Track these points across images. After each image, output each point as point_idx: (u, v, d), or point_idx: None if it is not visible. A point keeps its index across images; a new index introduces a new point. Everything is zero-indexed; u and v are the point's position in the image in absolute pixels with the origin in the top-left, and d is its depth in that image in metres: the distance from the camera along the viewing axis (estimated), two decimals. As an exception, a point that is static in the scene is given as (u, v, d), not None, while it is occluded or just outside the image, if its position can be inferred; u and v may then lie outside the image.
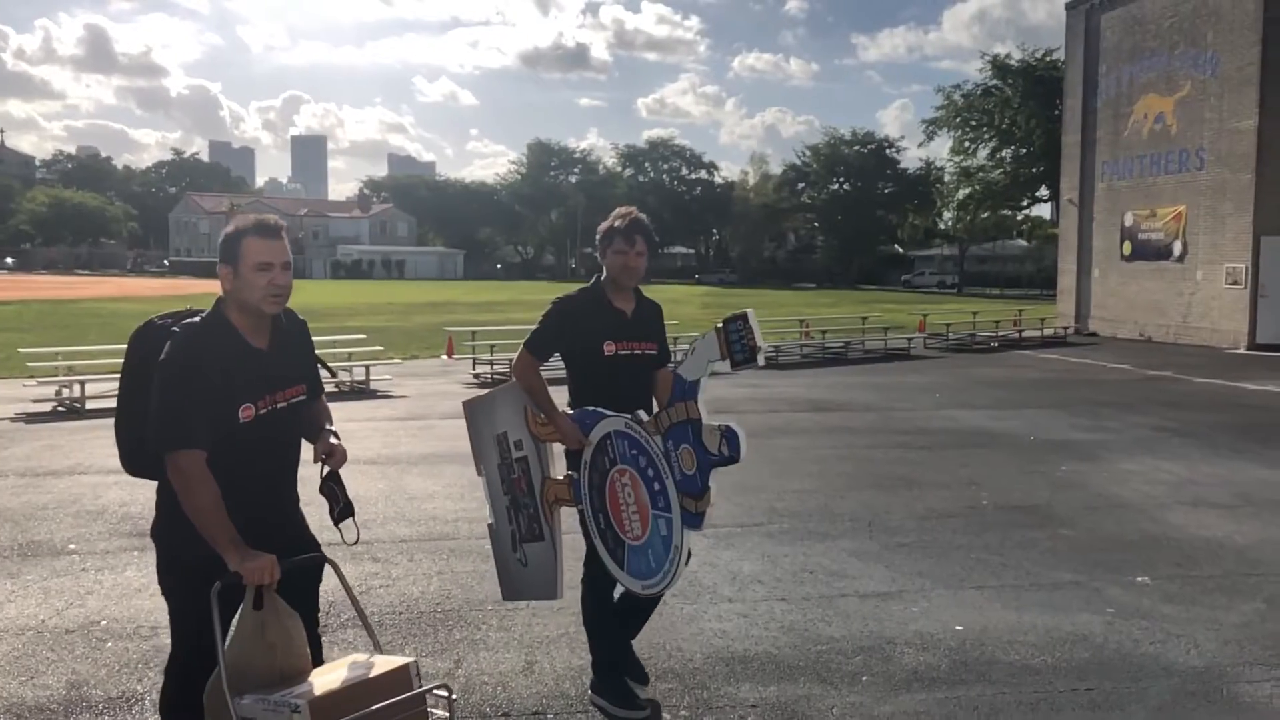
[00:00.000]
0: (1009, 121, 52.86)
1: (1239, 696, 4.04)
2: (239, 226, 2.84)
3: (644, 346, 3.83)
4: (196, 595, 2.67)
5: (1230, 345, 21.28)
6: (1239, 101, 21.20)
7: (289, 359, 2.93)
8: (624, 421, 3.41)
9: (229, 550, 2.64)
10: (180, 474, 2.65)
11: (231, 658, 2.60)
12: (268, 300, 2.81)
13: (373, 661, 2.77)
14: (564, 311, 3.81)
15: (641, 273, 3.81)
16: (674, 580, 3.34)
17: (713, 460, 3.11)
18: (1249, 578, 5.58)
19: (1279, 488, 7.87)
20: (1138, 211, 24.49)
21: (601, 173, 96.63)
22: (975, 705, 3.94)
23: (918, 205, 73.72)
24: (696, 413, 3.14)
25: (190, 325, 2.82)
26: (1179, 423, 11.21)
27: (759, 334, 3.04)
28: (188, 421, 2.65)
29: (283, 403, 2.86)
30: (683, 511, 3.22)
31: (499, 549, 3.97)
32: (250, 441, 2.76)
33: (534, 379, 3.73)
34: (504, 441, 3.85)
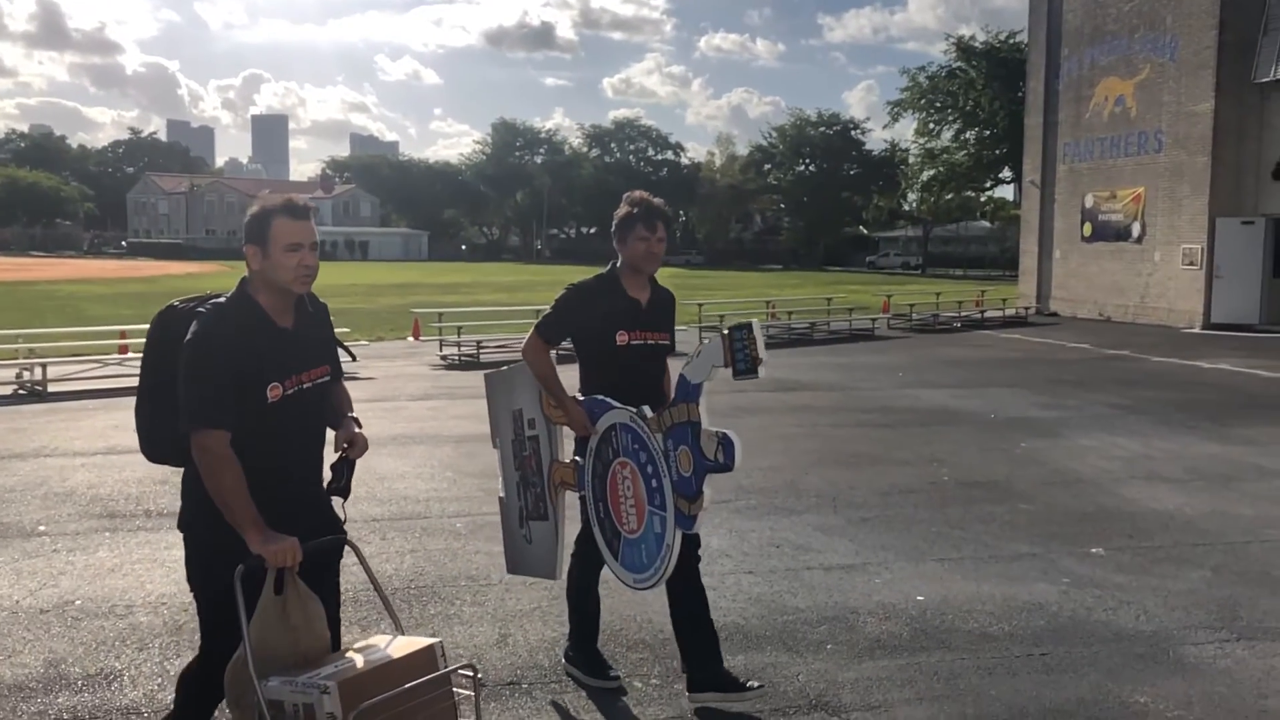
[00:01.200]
0: (973, 103, 53.32)
1: (1184, 658, 4.23)
2: (267, 206, 2.82)
3: (658, 336, 3.80)
4: (220, 581, 2.66)
5: (1186, 325, 21.72)
6: (1196, 85, 21.55)
7: (313, 339, 2.92)
8: (629, 415, 3.43)
9: (251, 532, 2.64)
10: (205, 453, 2.64)
11: (255, 640, 2.60)
12: (298, 281, 2.81)
13: (397, 642, 2.77)
14: (578, 297, 3.77)
15: (661, 258, 3.78)
16: (663, 579, 3.38)
17: (708, 466, 3.14)
18: (1197, 547, 5.79)
19: (1229, 462, 8.12)
20: (1098, 193, 24.86)
21: (567, 153, 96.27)
22: (935, 671, 4.09)
23: (883, 187, 74.16)
24: (697, 415, 3.17)
25: (217, 305, 2.80)
26: (1135, 400, 11.48)
27: (762, 346, 3.06)
28: (214, 401, 2.64)
29: (308, 383, 2.86)
30: (676, 512, 3.26)
31: (507, 522, 4.03)
32: (278, 422, 2.76)
33: (544, 363, 3.72)
34: (519, 418, 3.87)
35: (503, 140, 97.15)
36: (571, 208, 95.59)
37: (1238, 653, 4.28)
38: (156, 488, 7.28)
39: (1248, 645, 4.37)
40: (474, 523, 6.27)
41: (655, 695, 3.90)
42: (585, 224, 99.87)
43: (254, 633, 2.60)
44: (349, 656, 2.70)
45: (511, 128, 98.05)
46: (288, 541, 2.66)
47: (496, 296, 32.75)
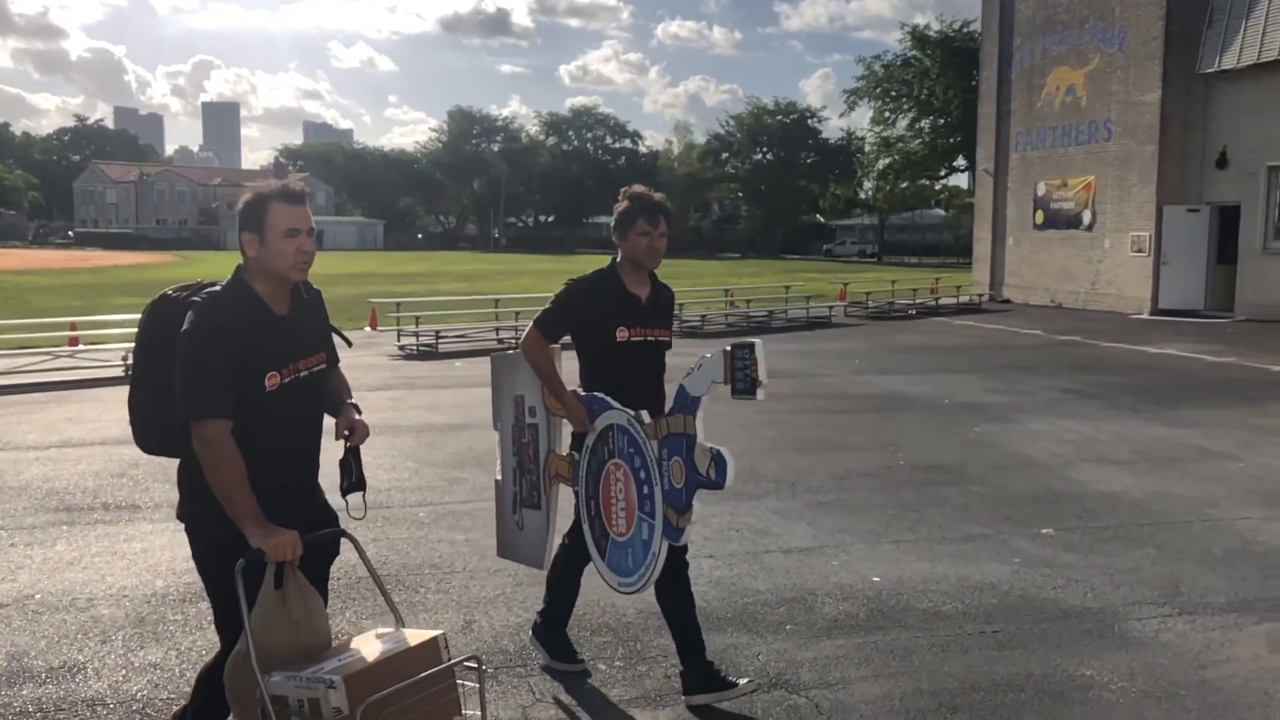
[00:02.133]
0: (928, 92, 53.84)
1: (1128, 632, 4.38)
2: (262, 192, 2.76)
3: (658, 333, 3.77)
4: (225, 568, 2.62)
5: (1135, 310, 22.17)
6: (1143, 75, 21.96)
7: (309, 327, 2.89)
8: (627, 418, 3.41)
9: (251, 526, 2.60)
10: (206, 444, 2.60)
11: (256, 635, 2.56)
12: (296, 267, 2.76)
13: (400, 635, 2.75)
14: (578, 292, 3.73)
15: (662, 253, 3.74)
16: (646, 586, 3.37)
17: (699, 481, 3.12)
18: (1143, 527, 5.97)
19: (1173, 444, 8.35)
20: (1049, 181, 25.26)
21: (525, 141, 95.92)
22: (891, 649, 4.21)
23: (839, 175, 74.73)
24: (694, 428, 3.15)
25: (213, 294, 2.75)
26: (1085, 385, 11.74)
27: (764, 368, 3.02)
28: (214, 390, 2.60)
29: (305, 371, 2.82)
30: (665, 522, 3.24)
31: (501, 506, 4.03)
32: (276, 410, 2.72)
33: (542, 357, 3.68)
34: (521, 404, 3.84)
35: (459, 128, 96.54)
36: (529, 196, 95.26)
37: (1179, 627, 4.45)
38: (113, 480, 7.22)
39: (1188, 620, 4.53)
40: (436, 512, 6.31)
41: (619, 677, 3.98)
42: (543, 212, 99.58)
43: (255, 627, 2.57)
44: (351, 650, 2.67)
45: (468, 115, 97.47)
46: (288, 535, 2.62)
47: (455, 286, 32.59)
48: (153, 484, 7.13)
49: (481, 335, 17.18)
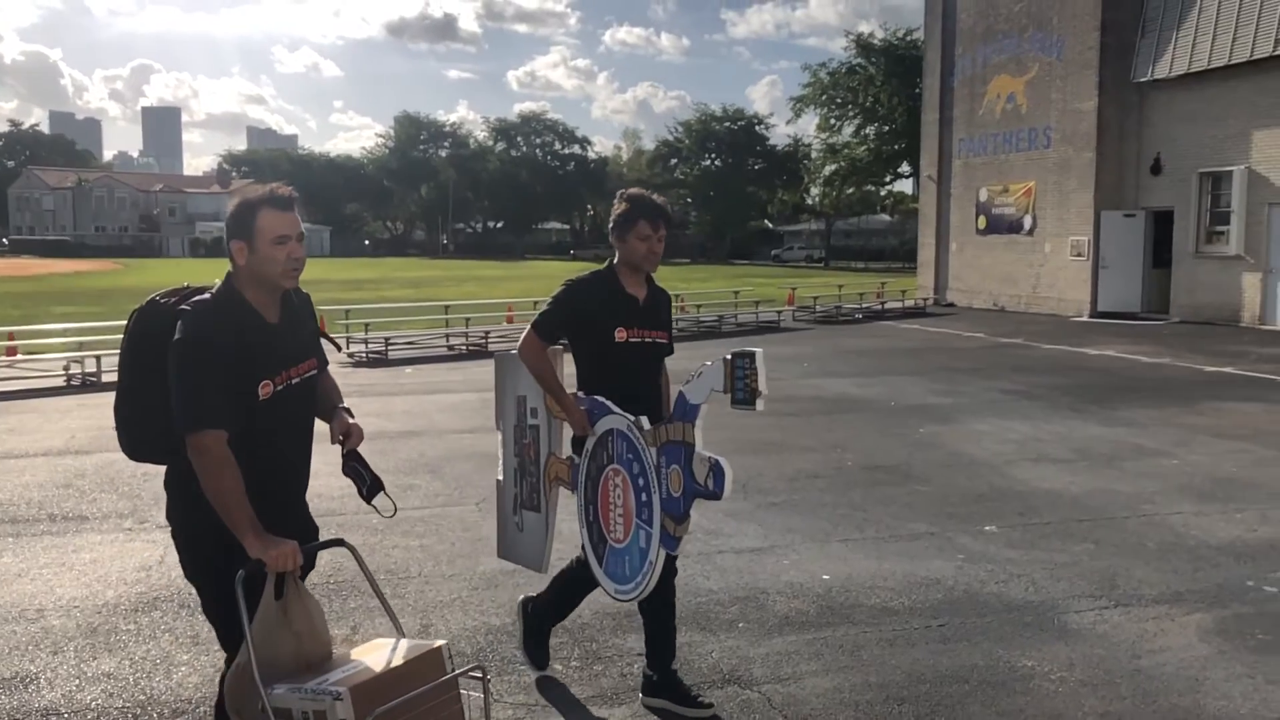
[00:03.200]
0: (872, 99, 54.50)
1: (1067, 624, 4.54)
2: (250, 199, 2.72)
3: (656, 334, 3.74)
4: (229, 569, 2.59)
5: (1075, 313, 22.69)
6: (1081, 83, 22.51)
7: (300, 333, 2.85)
8: (627, 423, 3.37)
9: (249, 536, 2.56)
10: (203, 455, 2.56)
11: (258, 646, 2.51)
12: (287, 274, 2.73)
13: (401, 645, 2.71)
14: (576, 294, 3.68)
15: (660, 258, 3.71)
16: (643, 594, 3.33)
17: (697, 491, 3.09)
18: (1081, 523, 6.17)
19: (1111, 443, 8.61)
20: (991, 187, 25.78)
21: (473, 146, 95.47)
22: (840, 644, 4.32)
23: (786, 181, 75.37)
24: (692, 437, 3.12)
25: (203, 302, 2.69)
26: (1026, 386, 12.02)
27: (764, 377, 2.99)
28: (210, 401, 2.57)
29: (297, 378, 2.78)
30: (661, 530, 3.21)
31: (501, 507, 3.99)
32: (269, 419, 2.68)
33: (541, 361, 3.64)
34: (523, 405, 3.81)
35: (406, 133, 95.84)
36: (478, 202, 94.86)
37: (1115, 618, 4.62)
38: (59, 492, 7.13)
39: (1124, 611, 4.71)
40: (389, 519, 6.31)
41: (576, 676, 4.04)
42: (492, 219, 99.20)
43: (257, 638, 2.52)
44: (355, 661, 2.65)
45: (415, 121, 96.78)
46: (287, 545, 2.59)
47: (404, 292, 32.37)
48: (99, 494, 7.06)
49: (431, 342, 17.14)
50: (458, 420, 10.07)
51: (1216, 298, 20.12)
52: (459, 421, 9.99)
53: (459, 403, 11.11)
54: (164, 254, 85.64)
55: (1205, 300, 20.36)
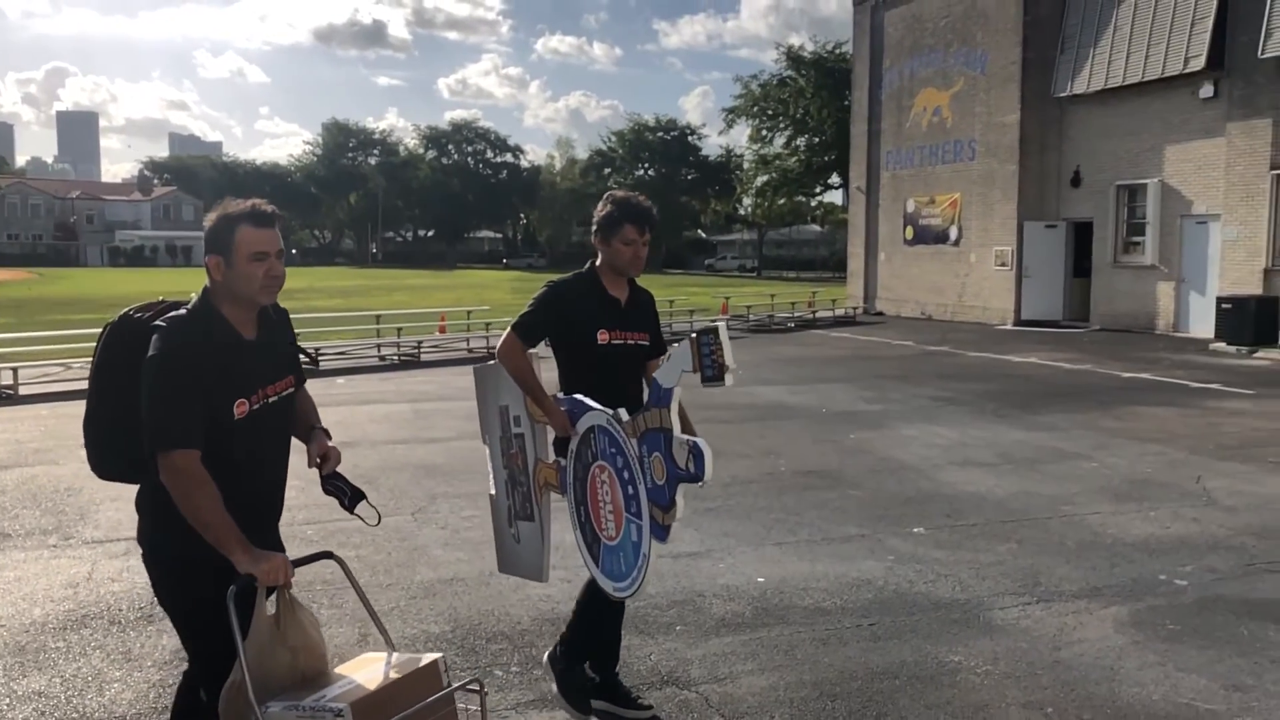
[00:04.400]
0: (803, 111, 55.26)
1: (992, 621, 4.71)
2: (229, 213, 2.67)
3: (638, 336, 3.70)
4: (202, 593, 2.55)
5: (999, 321, 23.29)
6: (1004, 97, 23.15)
7: (277, 350, 2.81)
8: (606, 418, 3.32)
9: (238, 552, 2.51)
10: (177, 475, 2.50)
11: (252, 663, 2.47)
12: (264, 291, 2.68)
13: (396, 659, 2.69)
14: (558, 296, 3.63)
15: (644, 263, 3.69)
16: (640, 588, 3.28)
17: (680, 475, 3.04)
18: (1005, 524, 6.37)
19: (1033, 447, 8.89)
20: (918, 198, 26.35)
21: (403, 154, 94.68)
22: (775, 644, 4.43)
23: (719, 191, 76.06)
24: (669, 422, 3.07)
25: (178, 318, 2.64)
26: (953, 392, 12.33)
27: (729, 352, 2.97)
28: (183, 419, 2.51)
29: (274, 396, 2.73)
30: (651, 521, 3.16)
31: (497, 520, 3.92)
32: (244, 438, 2.63)
33: (521, 363, 3.56)
34: (505, 414, 3.75)
35: (334, 141, 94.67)
36: (408, 210, 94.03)
37: (1037, 614, 4.80)
38: (-20, 506, 6.94)
39: (1045, 607, 4.89)
40: (324, 530, 6.27)
41: (516, 682, 4.08)
42: (422, 227, 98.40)
43: (251, 656, 2.47)
44: (350, 676, 2.61)
45: (344, 128, 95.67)
46: (278, 558, 2.55)
47: (332, 302, 31.96)
48: (21, 511, 6.89)
49: (363, 352, 16.97)
50: (391, 431, 10.01)
51: (1133, 306, 20.82)
52: (392, 432, 9.93)
53: (392, 413, 11.04)
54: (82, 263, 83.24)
55: (1123, 308, 21.05)
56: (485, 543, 6.05)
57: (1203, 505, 6.81)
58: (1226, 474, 7.73)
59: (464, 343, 18.70)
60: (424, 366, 16.33)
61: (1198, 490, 7.23)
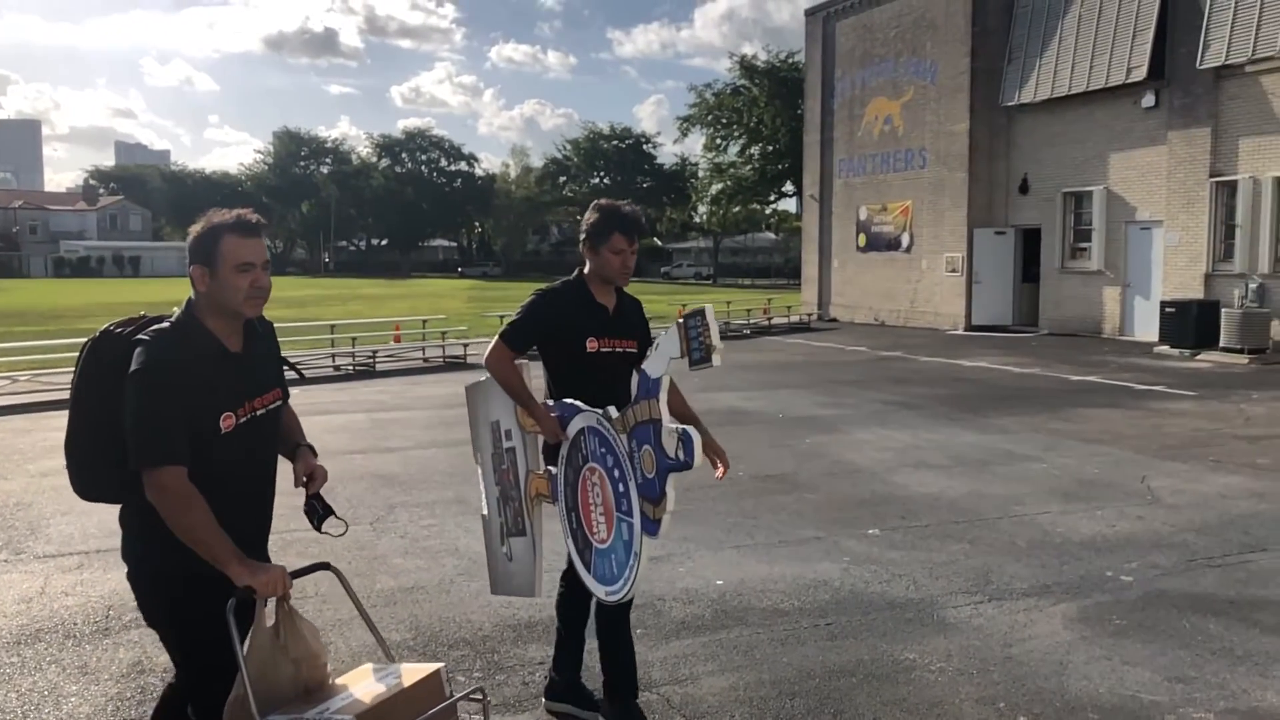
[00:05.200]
0: (756, 120, 55.71)
1: (946, 619, 4.82)
2: (214, 224, 2.62)
3: (627, 344, 3.68)
4: (191, 609, 2.52)
5: (951, 327, 23.65)
6: (953, 106, 23.54)
7: (263, 363, 2.77)
8: (595, 418, 3.29)
9: (234, 566, 2.46)
10: (165, 492, 2.46)
11: (254, 676, 2.44)
12: (250, 303, 2.64)
13: (398, 669, 2.67)
14: (546, 304, 3.63)
15: (632, 272, 3.67)
16: (632, 589, 3.22)
17: (669, 465, 2.99)
18: (958, 524, 6.50)
19: (984, 449, 9.06)
20: (871, 206, 26.68)
21: (355, 163, 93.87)
22: (735, 645, 4.49)
23: (674, 199, 76.40)
24: (658, 413, 3.03)
25: (162, 332, 2.58)
26: (906, 396, 12.52)
27: (716, 332, 2.95)
28: (169, 435, 2.46)
29: (261, 409, 2.69)
30: (642, 517, 3.11)
31: (489, 541, 3.85)
32: (230, 453, 2.59)
33: (509, 371, 3.53)
34: (497, 430, 3.71)
35: (286, 149, 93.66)
36: (361, 219, 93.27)
37: (989, 612, 4.91)
38: (-74, 521, 6.82)
39: (997, 605, 5.01)
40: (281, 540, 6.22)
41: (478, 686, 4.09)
42: (376, 236, 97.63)
43: (253, 668, 2.45)
44: (353, 687, 2.60)
45: (295, 137, 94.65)
46: (276, 570, 2.52)
47: (284, 312, 31.59)
48: (-29, 524, 6.77)
49: (317, 362, 16.83)
50: (347, 441, 9.96)
51: (1081, 310, 21.25)
52: (349, 442, 9.88)
53: (348, 423, 10.98)
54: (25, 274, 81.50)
55: (1070, 313, 21.47)
56: (444, 551, 6.08)
57: (1147, 504, 7.00)
58: (1170, 473, 7.94)
59: (420, 352, 18.62)
60: (379, 376, 16.25)
61: (1142, 489, 7.43)
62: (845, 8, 27.37)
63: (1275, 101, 17.17)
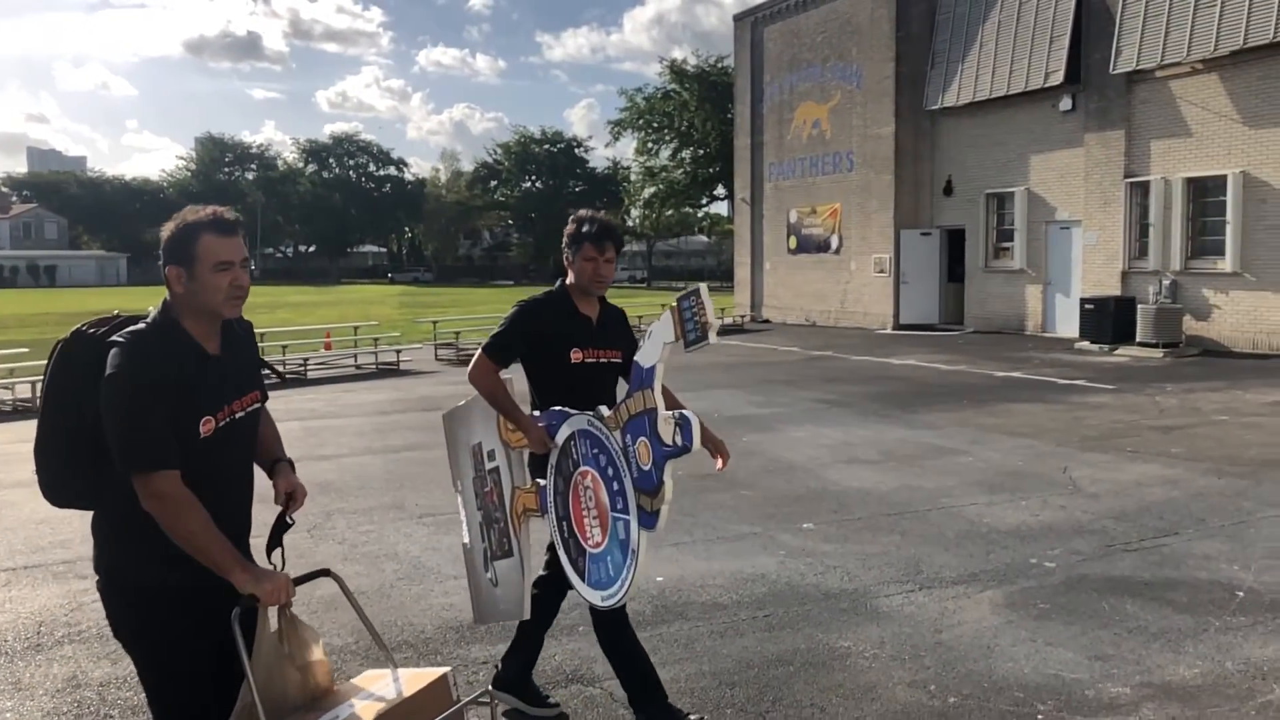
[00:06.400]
0: (687, 124, 56.06)
1: (879, 608, 4.97)
2: (190, 222, 2.53)
3: (611, 354, 3.69)
4: (164, 627, 2.46)
5: (879, 326, 24.10)
6: (879, 110, 24.01)
7: (242, 364, 2.69)
8: (586, 420, 3.25)
9: (238, 573, 2.41)
10: (161, 498, 2.38)
11: (261, 685, 2.39)
12: (229, 303, 2.55)
13: (405, 674, 2.65)
14: (529, 315, 3.62)
15: (610, 280, 3.67)
16: (629, 590, 3.15)
17: (666, 452, 2.93)
18: (889, 517, 6.69)
19: (914, 444, 9.30)
20: (800, 209, 27.07)
21: (282, 168, 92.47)
22: (675, 639, 4.59)
23: (607, 203, 76.41)
24: (653, 402, 2.99)
25: (138, 334, 2.49)
26: (838, 395, 12.76)
27: (711, 311, 2.91)
28: (157, 440, 2.39)
29: (241, 413, 2.62)
30: (639, 511, 3.04)
31: (472, 570, 3.78)
32: (208, 458, 2.50)
33: (494, 383, 3.51)
34: (479, 452, 3.65)
35: (209, 155, 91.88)
36: (288, 225, 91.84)
37: (920, 600, 5.08)
38: None
39: (927, 593, 5.18)
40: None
41: (422, 688, 4.12)
42: (304, 242, 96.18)
43: (259, 678, 2.40)
44: (363, 693, 2.57)
45: (219, 142, 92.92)
46: (280, 578, 2.48)
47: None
48: (-110, 541, 6.58)
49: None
50: (283, 448, 9.85)
51: (1005, 309, 21.82)
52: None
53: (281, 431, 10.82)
54: (-68, 284, 78.61)
55: (995, 311, 22.04)
56: (383, 556, 6.08)
57: (1068, 493, 7.26)
58: (1090, 463, 8.24)
59: (352, 359, 18.44)
60: (311, 384, 16.06)
61: (1064, 479, 7.70)
62: (773, 13, 27.73)
63: (1184, 105, 17.85)
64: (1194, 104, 17.66)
